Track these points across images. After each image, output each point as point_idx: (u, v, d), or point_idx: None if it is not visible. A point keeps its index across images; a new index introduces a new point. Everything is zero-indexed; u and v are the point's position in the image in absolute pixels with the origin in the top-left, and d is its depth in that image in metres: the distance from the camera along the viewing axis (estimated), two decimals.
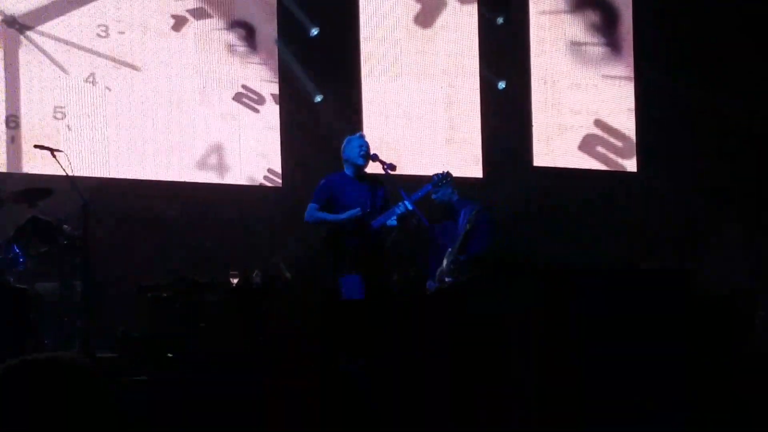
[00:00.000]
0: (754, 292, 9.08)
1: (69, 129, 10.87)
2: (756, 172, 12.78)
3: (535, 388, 5.39)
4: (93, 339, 8.58)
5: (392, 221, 8.87)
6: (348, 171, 9.04)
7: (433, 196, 9.54)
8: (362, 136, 9.16)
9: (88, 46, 11.04)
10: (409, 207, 8.78)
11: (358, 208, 8.79)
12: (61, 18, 11.01)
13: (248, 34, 11.72)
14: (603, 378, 5.47)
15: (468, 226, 9.28)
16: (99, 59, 11.04)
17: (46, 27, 10.95)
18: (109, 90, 11.06)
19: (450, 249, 9.35)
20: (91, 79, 11.02)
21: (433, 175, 9.42)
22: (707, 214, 12.48)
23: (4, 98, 10.70)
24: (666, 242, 12.28)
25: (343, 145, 9.13)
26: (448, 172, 9.43)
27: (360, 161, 8.96)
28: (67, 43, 10.99)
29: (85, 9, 11.07)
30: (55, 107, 10.88)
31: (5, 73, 10.72)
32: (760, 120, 12.79)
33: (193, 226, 11.08)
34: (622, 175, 13.00)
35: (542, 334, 5.46)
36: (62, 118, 10.89)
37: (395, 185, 8.96)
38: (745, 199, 12.58)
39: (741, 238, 12.14)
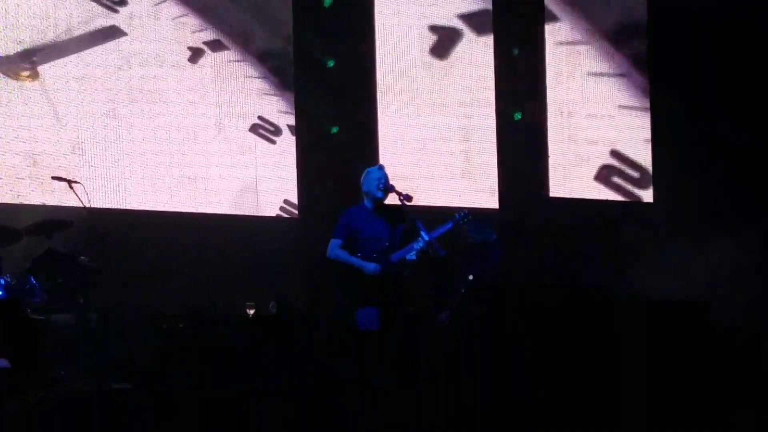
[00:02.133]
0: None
1: (89, 165, 10.99)
2: None
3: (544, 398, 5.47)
4: (108, 370, 8.61)
5: (411, 256, 8.89)
6: (367, 203, 9.06)
7: (469, 240, 9.61)
8: (381, 168, 9.09)
9: (108, 80, 11.15)
10: (426, 238, 8.81)
11: (378, 266, 8.83)
12: (81, 53, 11.13)
13: (264, 65, 11.80)
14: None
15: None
16: (119, 93, 11.15)
17: (65, 62, 11.07)
18: (130, 124, 11.18)
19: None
20: (111, 113, 11.13)
21: (455, 214, 9.35)
22: (723, 244, 12.42)
23: (23, 133, 10.81)
24: (680, 273, 12.23)
25: (362, 177, 9.11)
26: (469, 211, 9.37)
27: (378, 194, 8.96)
28: (86, 77, 11.11)
29: (104, 44, 11.19)
30: (74, 143, 10.99)
31: (25, 107, 10.83)
32: None
33: (209, 258, 11.12)
34: (638, 206, 12.97)
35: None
36: (81, 154, 11.00)
37: (413, 219, 8.97)
38: (762, 229, 12.52)
39: (756, 268, 12.09)
